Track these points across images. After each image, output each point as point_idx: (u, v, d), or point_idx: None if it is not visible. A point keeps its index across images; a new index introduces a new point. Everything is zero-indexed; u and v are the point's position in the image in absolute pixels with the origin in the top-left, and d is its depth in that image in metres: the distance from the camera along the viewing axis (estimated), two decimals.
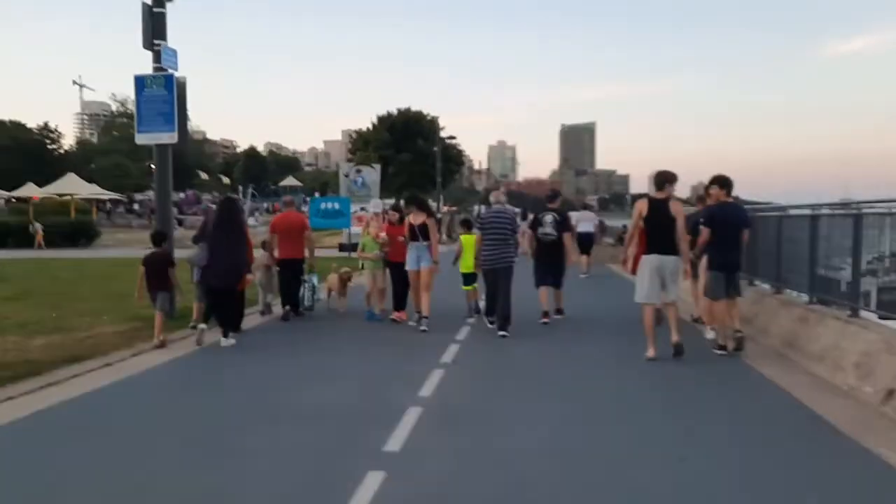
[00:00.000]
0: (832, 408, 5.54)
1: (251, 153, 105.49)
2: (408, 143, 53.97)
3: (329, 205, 22.86)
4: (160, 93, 9.47)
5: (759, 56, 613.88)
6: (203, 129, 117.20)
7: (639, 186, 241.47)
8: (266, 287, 10.38)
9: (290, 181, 75.55)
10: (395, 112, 56.64)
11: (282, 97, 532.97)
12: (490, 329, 9.05)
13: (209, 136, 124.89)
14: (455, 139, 57.58)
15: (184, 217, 46.84)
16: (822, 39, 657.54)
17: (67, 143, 77.81)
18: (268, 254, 10.14)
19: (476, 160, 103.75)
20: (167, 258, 8.40)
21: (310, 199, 29.54)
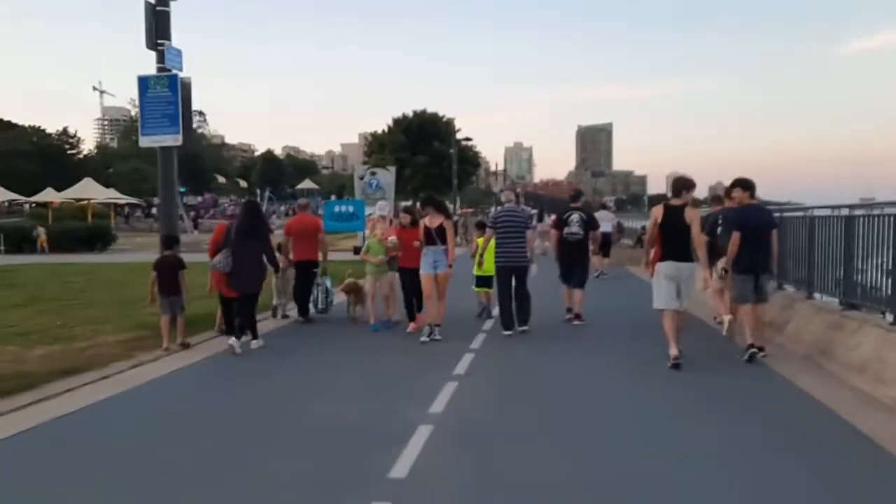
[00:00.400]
0: (873, 423, 5.12)
1: (269, 156, 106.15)
2: (423, 146, 53.59)
3: (343, 208, 22.67)
4: (164, 94, 9.18)
5: (779, 55, 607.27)
6: (221, 133, 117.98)
7: (657, 187, 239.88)
8: (281, 290, 10.32)
9: (307, 184, 75.78)
10: (411, 114, 56.32)
11: (300, 100, 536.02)
12: (507, 336, 8.71)
13: (227, 140, 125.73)
14: (471, 141, 57.12)
15: (201, 221, 47.12)
16: (843, 38, 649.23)
17: (87, 148, 78.64)
18: (283, 256, 9.96)
19: (493, 162, 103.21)
20: (179, 262, 8.36)
21: (324, 203, 29.36)
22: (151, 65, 9.37)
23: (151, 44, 9.13)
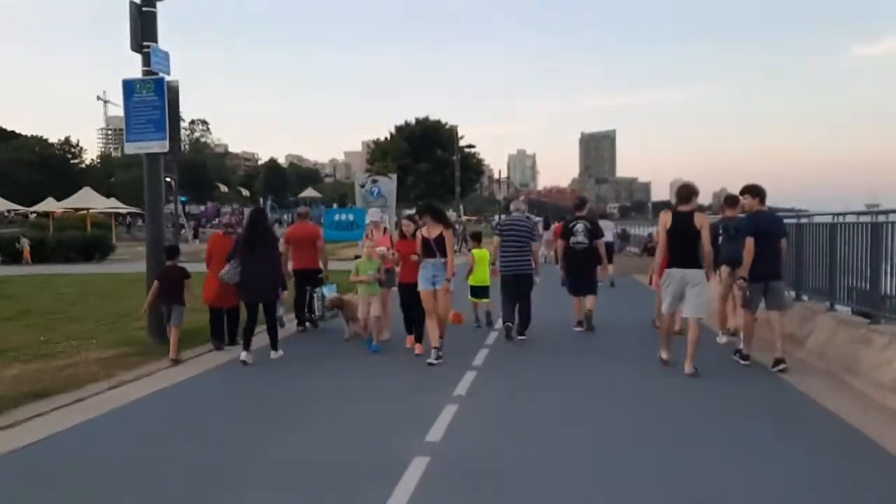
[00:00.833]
0: None
1: (272, 165, 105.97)
2: (426, 153, 53.28)
3: (344, 216, 22.29)
4: (150, 98, 8.73)
5: (780, 62, 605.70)
6: (225, 142, 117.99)
7: (661, 194, 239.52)
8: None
9: (310, 192, 75.31)
10: (413, 121, 56.02)
11: (304, 109, 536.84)
12: (511, 351, 8.31)
13: (231, 149, 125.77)
14: (474, 148, 56.75)
15: (202, 230, 46.76)
16: (846, 45, 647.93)
17: (90, 158, 78.59)
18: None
19: (496, 169, 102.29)
20: (183, 272, 8.29)
21: (325, 210, 28.99)
22: None
23: (136, 46, 8.68)
